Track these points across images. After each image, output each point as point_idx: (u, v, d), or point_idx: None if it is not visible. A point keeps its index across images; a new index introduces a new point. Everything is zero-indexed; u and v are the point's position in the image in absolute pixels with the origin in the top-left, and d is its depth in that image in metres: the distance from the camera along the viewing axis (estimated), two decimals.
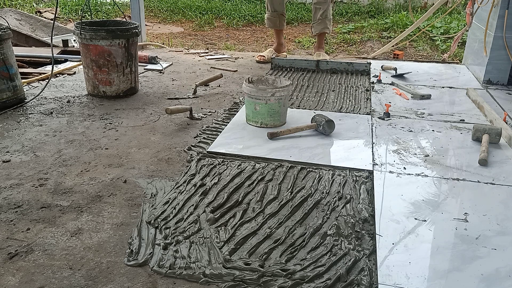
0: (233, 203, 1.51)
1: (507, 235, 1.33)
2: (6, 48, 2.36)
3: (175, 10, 6.29)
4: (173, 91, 2.80)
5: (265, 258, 1.24)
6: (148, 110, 2.45)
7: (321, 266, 1.21)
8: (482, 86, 2.91)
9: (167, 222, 1.40)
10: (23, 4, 6.33)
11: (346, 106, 2.52)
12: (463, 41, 3.93)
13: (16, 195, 1.56)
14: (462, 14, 5.33)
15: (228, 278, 1.16)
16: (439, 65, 3.52)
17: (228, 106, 2.54)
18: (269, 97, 2.09)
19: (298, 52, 4.36)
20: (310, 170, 1.74)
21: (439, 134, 2.10)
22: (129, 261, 1.22)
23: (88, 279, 1.16)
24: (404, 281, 1.14)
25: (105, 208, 1.49)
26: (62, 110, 2.41)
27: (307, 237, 1.33)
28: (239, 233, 1.35)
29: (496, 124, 2.14)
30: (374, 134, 2.08)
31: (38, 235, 1.34)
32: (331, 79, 3.10)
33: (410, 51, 4.27)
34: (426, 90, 2.80)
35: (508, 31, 2.78)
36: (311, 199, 1.54)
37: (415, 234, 1.32)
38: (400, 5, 6.12)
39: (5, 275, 1.17)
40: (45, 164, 1.80)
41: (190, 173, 1.72)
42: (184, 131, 2.16)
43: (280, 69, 3.34)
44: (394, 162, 1.80)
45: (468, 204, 1.50)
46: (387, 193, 1.56)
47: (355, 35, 4.93)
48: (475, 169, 1.76)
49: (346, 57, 3.90)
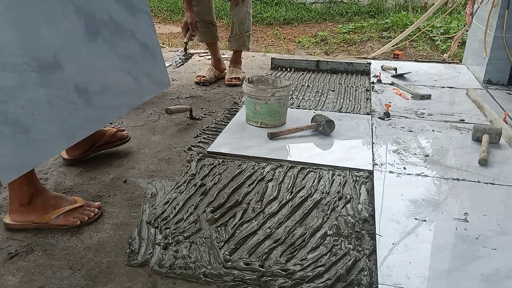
0: (233, 203, 1.51)
1: (507, 235, 1.33)
2: None
3: (175, 10, 6.29)
4: (173, 91, 2.80)
5: (265, 258, 1.24)
6: (148, 110, 2.45)
7: (321, 266, 1.21)
8: (482, 86, 2.92)
9: (167, 222, 1.40)
10: None
11: (346, 106, 2.52)
12: (463, 41, 3.93)
13: None
14: (462, 14, 5.33)
15: (228, 278, 1.16)
16: (439, 65, 3.52)
17: (228, 106, 2.54)
18: (269, 97, 2.09)
19: (298, 52, 4.36)
20: (310, 170, 1.74)
21: (439, 134, 2.10)
22: (129, 261, 1.22)
23: (88, 279, 1.16)
24: (404, 281, 1.14)
25: (105, 208, 1.49)
26: None
27: (307, 237, 1.33)
28: (239, 233, 1.35)
29: (496, 124, 2.14)
30: (374, 134, 2.09)
31: (38, 235, 1.34)
32: (331, 79, 3.10)
33: (410, 51, 4.27)
34: (426, 90, 2.80)
35: (508, 31, 2.78)
36: (311, 199, 1.54)
37: (415, 234, 1.33)
38: (400, 5, 6.12)
39: (5, 275, 1.17)
40: (45, 164, 1.80)
41: (190, 173, 1.72)
42: (184, 131, 2.17)
43: (280, 69, 3.34)
44: (394, 162, 1.80)
45: (468, 204, 1.50)
46: (387, 193, 1.56)
47: (355, 35, 4.93)
48: (475, 169, 1.76)
49: (346, 57, 3.90)
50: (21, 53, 1.13)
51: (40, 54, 1.19)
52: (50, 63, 1.21)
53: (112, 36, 1.45)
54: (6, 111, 1.08)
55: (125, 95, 1.51)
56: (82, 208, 1.41)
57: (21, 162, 1.12)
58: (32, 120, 1.14)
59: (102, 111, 1.41)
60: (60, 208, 1.37)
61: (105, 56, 1.43)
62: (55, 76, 1.23)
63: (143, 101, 1.67)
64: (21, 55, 1.13)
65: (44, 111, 1.18)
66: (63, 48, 1.26)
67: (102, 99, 1.39)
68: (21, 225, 1.35)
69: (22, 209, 1.34)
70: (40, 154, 1.18)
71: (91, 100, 1.35)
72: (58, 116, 1.23)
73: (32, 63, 1.15)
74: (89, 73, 1.35)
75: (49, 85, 1.20)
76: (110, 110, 1.45)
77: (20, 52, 1.13)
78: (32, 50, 1.16)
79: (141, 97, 1.60)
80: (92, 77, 1.36)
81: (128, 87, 1.52)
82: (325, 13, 5.96)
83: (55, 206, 1.37)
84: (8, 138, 1.08)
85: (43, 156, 1.20)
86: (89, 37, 1.36)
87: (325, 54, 4.24)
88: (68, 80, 1.27)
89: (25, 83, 1.13)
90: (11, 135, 1.09)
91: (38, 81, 1.17)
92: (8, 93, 1.09)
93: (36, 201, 1.35)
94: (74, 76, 1.29)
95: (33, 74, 1.15)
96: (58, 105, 1.23)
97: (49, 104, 1.20)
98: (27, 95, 1.14)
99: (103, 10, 1.42)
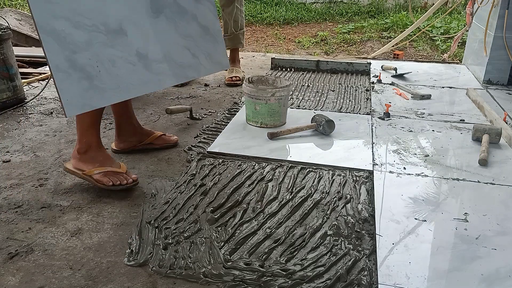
0: (233, 203, 1.51)
1: (507, 235, 1.33)
2: (6, 48, 2.37)
3: None
4: (173, 91, 2.80)
5: (265, 258, 1.24)
6: (148, 110, 2.45)
7: (321, 266, 1.21)
8: (482, 86, 2.92)
9: (167, 222, 1.40)
10: (23, 4, 6.33)
11: (346, 106, 2.52)
12: (463, 41, 3.93)
13: (16, 195, 1.56)
14: (462, 14, 5.33)
15: (228, 278, 1.16)
16: (439, 65, 3.52)
17: (228, 106, 2.54)
18: (269, 97, 2.09)
19: (298, 52, 4.36)
20: (310, 170, 1.74)
21: (439, 134, 2.10)
22: (129, 261, 1.22)
23: (88, 279, 1.16)
24: (404, 281, 1.14)
25: (105, 208, 1.49)
26: (62, 110, 2.41)
27: (307, 237, 1.33)
28: (239, 233, 1.35)
29: (496, 124, 2.14)
30: (374, 134, 2.09)
31: (38, 235, 1.34)
32: (331, 79, 3.10)
33: (410, 51, 4.27)
34: (426, 90, 2.80)
35: (508, 31, 2.78)
36: (311, 199, 1.54)
37: (415, 234, 1.33)
38: (400, 5, 6.12)
39: (5, 275, 1.17)
40: (45, 164, 1.80)
41: (190, 173, 1.72)
42: (184, 131, 2.17)
43: (280, 69, 3.34)
44: (394, 162, 1.80)
45: (468, 204, 1.50)
46: (387, 193, 1.56)
47: (355, 35, 4.93)
48: (475, 169, 1.76)
49: (346, 57, 3.90)
50: (91, 17, 1.40)
51: (107, 20, 1.45)
52: (116, 29, 1.47)
53: (174, 15, 1.69)
54: (75, 59, 1.34)
55: (183, 67, 1.74)
56: (120, 174, 1.60)
57: (83, 102, 1.37)
58: (96, 71, 1.40)
59: (160, 76, 1.63)
60: (103, 167, 1.59)
61: (166, 31, 1.67)
62: (119, 40, 1.48)
63: (200, 76, 1.94)
64: (91, 18, 1.40)
65: (106, 66, 1.43)
66: (128, 19, 1.52)
67: (160, 66, 1.62)
68: (73, 172, 1.61)
69: (78, 157, 1.60)
70: (99, 99, 1.41)
71: (150, 65, 1.58)
72: (118, 72, 1.46)
73: (99, 26, 1.42)
74: (150, 43, 1.59)
75: (114, 46, 1.46)
76: (167, 77, 1.66)
77: (91, 16, 1.40)
78: (101, 16, 1.43)
79: (198, 72, 1.84)
80: (152, 46, 1.60)
81: (186, 61, 1.75)
82: (325, 13, 5.96)
83: (101, 163, 1.60)
84: (74, 80, 1.34)
85: (101, 102, 1.43)
86: (152, 13, 1.61)
87: (325, 54, 4.24)
88: (130, 45, 1.52)
89: (92, 40, 1.39)
90: (78, 79, 1.35)
91: (103, 41, 1.42)
92: (78, 46, 1.35)
93: (90, 154, 1.60)
94: (136, 43, 1.54)
95: (100, 35, 1.42)
96: (119, 64, 1.47)
97: (112, 61, 1.45)
98: (93, 50, 1.39)
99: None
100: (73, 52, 1.34)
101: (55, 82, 1.29)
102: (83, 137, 1.59)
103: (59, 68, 1.30)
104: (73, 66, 1.33)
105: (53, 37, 1.29)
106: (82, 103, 1.36)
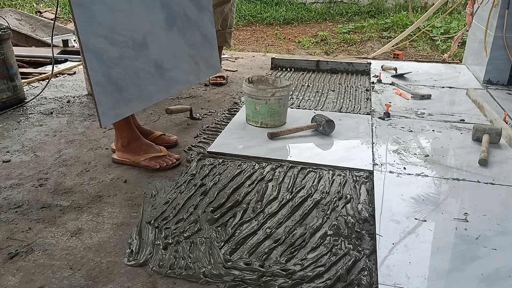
0: (233, 203, 1.51)
1: (507, 235, 1.33)
2: (6, 48, 2.37)
3: None
4: None
5: (265, 258, 1.24)
6: (148, 110, 2.45)
7: (321, 266, 1.21)
8: (482, 86, 2.92)
9: (167, 222, 1.40)
10: (23, 4, 6.33)
11: (346, 106, 2.52)
12: (463, 41, 3.93)
13: (16, 195, 1.56)
14: (462, 14, 5.33)
15: (228, 278, 1.16)
16: (439, 65, 3.52)
17: (228, 106, 2.54)
18: (269, 97, 2.09)
19: (298, 52, 4.36)
20: (310, 170, 1.74)
21: (439, 134, 2.10)
22: (129, 261, 1.22)
23: (88, 279, 1.16)
24: (404, 281, 1.14)
25: (105, 208, 1.49)
26: (62, 110, 2.42)
27: (307, 237, 1.33)
28: (239, 233, 1.35)
29: (496, 124, 2.14)
30: (374, 134, 2.08)
31: (38, 235, 1.34)
32: (331, 79, 3.10)
33: (410, 51, 4.27)
34: (426, 90, 2.80)
35: (508, 31, 2.78)
36: (311, 199, 1.54)
37: (415, 234, 1.33)
38: (400, 5, 6.12)
39: (5, 275, 1.17)
40: (45, 164, 1.80)
41: (190, 173, 1.72)
42: (184, 131, 2.16)
43: (280, 69, 3.34)
44: (394, 162, 1.80)
45: (468, 204, 1.50)
46: (387, 193, 1.56)
47: (355, 35, 4.93)
48: (475, 169, 1.76)
49: (346, 57, 3.90)
50: (123, 33, 1.49)
51: (134, 35, 1.54)
52: (141, 43, 1.57)
53: (184, 27, 1.81)
54: (110, 74, 1.44)
55: (187, 74, 1.87)
56: (164, 156, 1.79)
57: (115, 112, 1.49)
58: (125, 83, 1.51)
59: (170, 83, 1.74)
60: (148, 153, 1.77)
61: (177, 42, 1.78)
62: (142, 53, 1.58)
63: (199, 81, 2.07)
64: (123, 34, 1.49)
65: (133, 78, 1.54)
66: (149, 32, 1.62)
67: (171, 75, 1.74)
68: (121, 161, 1.79)
69: (122, 149, 1.78)
70: (127, 109, 1.54)
71: (164, 74, 1.70)
72: (141, 83, 1.58)
73: (128, 42, 1.51)
74: (165, 53, 1.70)
75: (138, 59, 1.57)
76: (175, 84, 1.79)
77: (123, 32, 1.49)
78: (129, 32, 1.52)
79: (198, 77, 1.96)
80: (166, 56, 1.71)
81: (190, 68, 1.88)
82: (325, 13, 5.96)
83: (145, 151, 1.78)
84: (109, 94, 1.45)
85: (128, 111, 1.56)
86: (167, 26, 1.71)
87: (325, 54, 4.24)
88: (150, 57, 1.62)
89: (123, 55, 1.49)
90: (111, 92, 1.46)
91: (131, 55, 1.53)
92: (112, 61, 1.45)
93: (133, 145, 1.78)
94: (154, 55, 1.64)
95: (129, 50, 1.52)
96: (141, 75, 1.58)
97: (136, 73, 1.55)
98: (123, 64, 1.50)
99: (180, 6, 1.78)
100: (108, 67, 1.44)
101: (95, 97, 1.39)
102: (121, 132, 1.77)
103: (98, 83, 1.40)
104: (108, 81, 1.44)
105: (94, 55, 1.38)
106: (114, 114, 1.48)
